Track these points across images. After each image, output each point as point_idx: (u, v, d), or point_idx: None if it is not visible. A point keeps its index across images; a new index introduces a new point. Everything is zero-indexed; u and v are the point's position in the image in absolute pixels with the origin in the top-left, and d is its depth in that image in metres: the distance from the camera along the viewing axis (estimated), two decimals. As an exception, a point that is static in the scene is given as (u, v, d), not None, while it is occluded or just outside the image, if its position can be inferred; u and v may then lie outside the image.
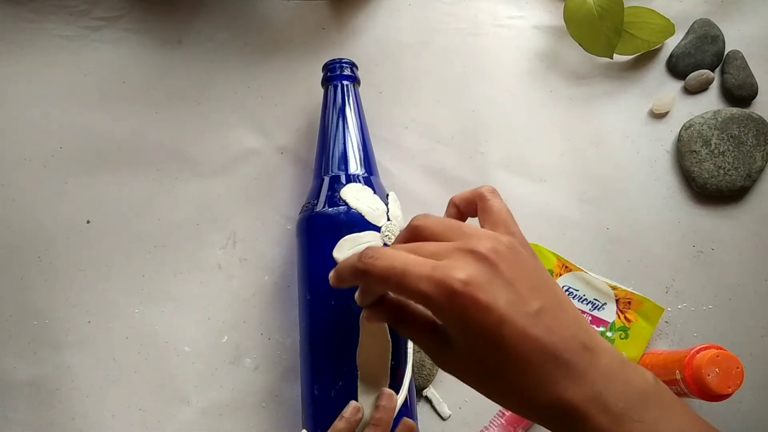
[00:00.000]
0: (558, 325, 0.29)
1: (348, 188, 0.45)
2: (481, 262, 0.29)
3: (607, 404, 0.28)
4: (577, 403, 0.28)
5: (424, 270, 0.29)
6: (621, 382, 0.28)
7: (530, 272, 0.30)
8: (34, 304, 0.51)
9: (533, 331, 0.28)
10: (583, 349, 0.29)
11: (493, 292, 0.28)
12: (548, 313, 0.29)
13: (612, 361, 0.29)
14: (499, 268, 0.29)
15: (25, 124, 0.54)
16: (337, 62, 0.51)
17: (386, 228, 0.45)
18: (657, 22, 0.56)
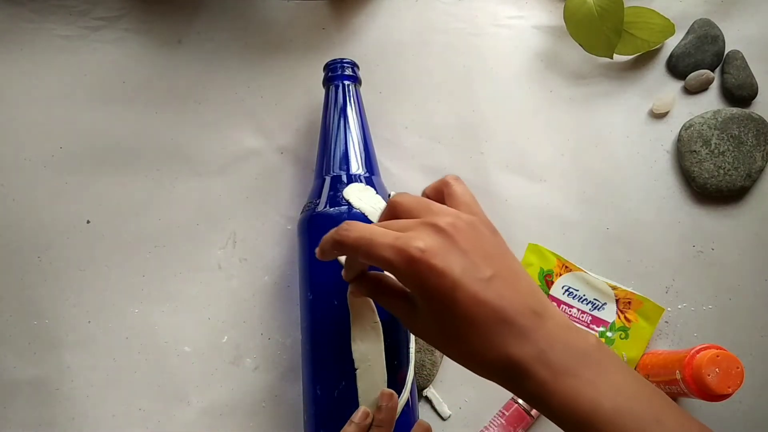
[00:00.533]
0: (509, 291, 0.32)
1: (350, 188, 0.45)
2: (439, 234, 0.32)
3: (549, 361, 0.31)
4: (522, 360, 0.31)
5: (387, 240, 0.32)
6: (564, 343, 0.31)
7: (486, 245, 0.33)
8: (34, 304, 0.51)
9: (484, 295, 0.31)
10: (532, 313, 0.32)
11: (448, 260, 0.31)
12: (500, 280, 0.32)
13: (558, 325, 0.32)
14: (455, 239, 0.32)
15: (25, 124, 0.54)
16: (338, 62, 0.51)
17: None
18: (657, 22, 0.56)
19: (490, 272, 0.32)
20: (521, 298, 0.32)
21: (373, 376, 0.42)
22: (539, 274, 0.53)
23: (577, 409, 0.30)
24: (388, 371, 0.43)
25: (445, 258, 0.31)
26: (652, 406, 0.31)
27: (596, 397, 0.30)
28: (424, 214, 0.34)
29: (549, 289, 0.53)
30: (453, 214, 0.33)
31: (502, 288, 0.32)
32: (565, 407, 0.30)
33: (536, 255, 0.53)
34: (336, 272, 0.43)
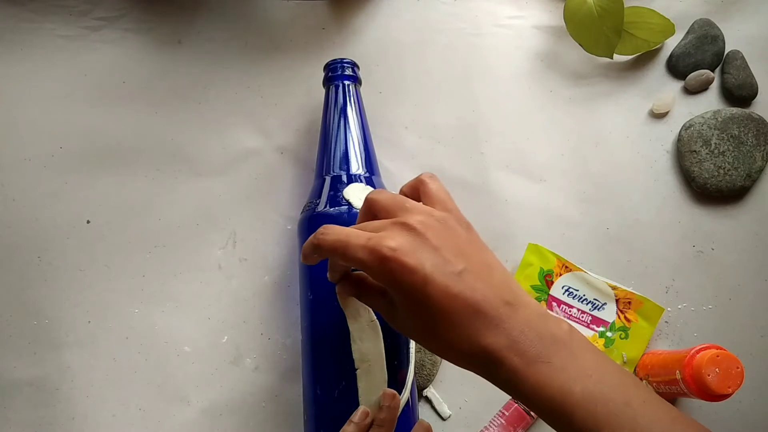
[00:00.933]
0: (481, 283, 0.33)
1: (351, 188, 0.46)
2: (410, 232, 0.33)
3: (521, 349, 0.31)
4: (496, 349, 0.32)
5: (360, 241, 0.33)
6: (535, 331, 0.32)
7: (458, 240, 0.34)
8: (34, 304, 0.51)
9: (455, 288, 0.32)
10: (504, 303, 0.32)
11: (418, 257, 0.32)
12: (471, 274, 0.33)
13: (530, 314, 0.33)
14: (426, 237, 0.33)
15: (25, 124, 0.54)
16: (338, 62, 0.51)
17: None
18: (657, 22, 0.56)
19: (461, 266, 0.33)
20: (493, 290, 0.33)
21: (373, 376, 0.42)
22: (539, 274, 0.53)
23: (548, 394, 0.31)
24: (388, 371, 0.43)
25: (415, 255, 0.32)
26: (622, 389, 0.31)
27: (566, 382, 0.31)
28: (398, 212, 0.35)
29: (549, 289, 0.53)
30: (425, 212, 0.35)
31: (474, 281, 0.33)
32: (537, 393, 0.31)
33: (536, 255, 0.53)
34: None
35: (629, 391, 0.31)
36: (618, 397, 0.31)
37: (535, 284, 0.53)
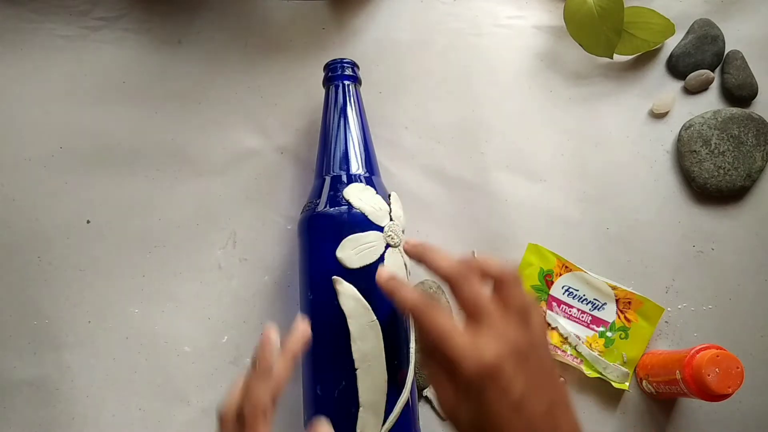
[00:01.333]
0: (564, 422, 0.34)
1: (351, 188, 0.46)
2: (513, 352, 0.34)
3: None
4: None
5: (465, 341, 0.34)
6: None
7: (546, 370, 0.35)
8: (34, 304, 0.51)
9: (538, 425, 0.33)
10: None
11: (513, 379, 0.33)
12: (559, 408, 0.34)
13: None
14: (525, 360, 0.34)
15: (25, 124, 0.54)
16: (338, 62, 0.51)
17: (389, 228, 0.45)
18: (657, 22, 0.56)
19: (548, 401, 0.34)
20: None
21: (373, 375, 0.42)
22: (539, 274, 0.53)
23: None
24: (388, 371, 0.43)
25: (510, 378, 0.33)
26: None
27: None
28: (505, 317, 0.35)
29: (549, 289, 0.53)
30: (525, 333, 0.35)
31: (557, 419, 0.34)
32: None
33: (536, 255, 0.53)
34: (336, 272, 0.43)
35: None
36: None
37: (535, 284, 0.53)
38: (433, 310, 0.36)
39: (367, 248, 0.44)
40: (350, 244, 0.43)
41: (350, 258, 0.43)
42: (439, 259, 0.37)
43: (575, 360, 0.52)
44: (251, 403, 0.35)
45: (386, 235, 0.44)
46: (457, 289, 0.36)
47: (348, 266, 0.43)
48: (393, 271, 0.40)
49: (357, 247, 0.43)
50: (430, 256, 0.38)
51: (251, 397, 0.36)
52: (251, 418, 0.35)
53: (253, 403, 0.35)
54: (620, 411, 0.52)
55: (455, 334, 0.34)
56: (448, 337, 0.34)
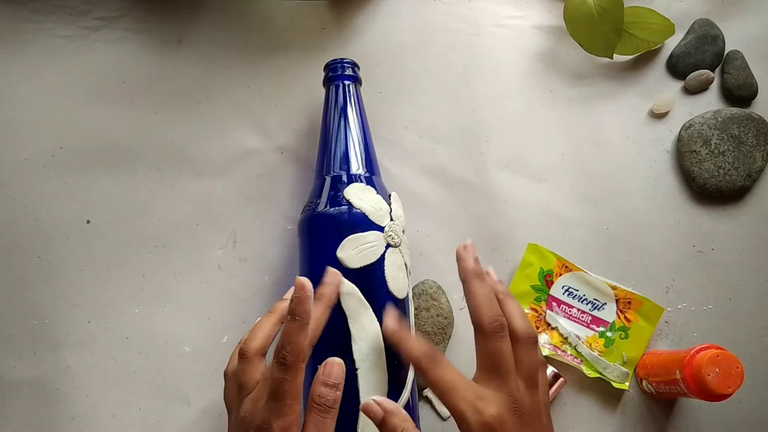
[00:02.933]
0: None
1: (351, 188, 0.45)
2: (514, 411, 0.36)
3: None
4: None
5: (468, 395, 0.36)
6: None
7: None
8: (34, 304, 0.51)
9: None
10: None
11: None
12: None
13: None
14: (524, 421, 0.36)
15: (25, 124, 0.54)
16: (338, 62, 0.51)
17: (389, 228, 0.45)
18: (657, 22, 0.56)
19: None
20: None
21: (374, 375, 0.42)
22: (539, 274, 0.53)
23: None
24: (388, 371, 0.43)
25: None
26: None
27: None
28: (505, 374, 0.37)
29: (549, 289, 0.53)
30: (531, 399, 0.37)
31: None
32: None
33: (536, 255, 0.53)
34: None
35: None
36: None
37: (535, 284, 0.53)
38: (438, 364, 0.38)
39: (367, 248, 0.44)
40: (351, 244, 0.43)
41: (351, 258, 0.43)
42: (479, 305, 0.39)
43: (575, 360, 0.52)
44: (294, 350, 0.37)
45: (387, 235, 0.44)
46: (486, 341, 0.38)
47: (349, 266, 0.43)
48: (398, 321, 0.41)
49: (358, 247, 0.43)
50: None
51: (293, 345, 0.37)
52: (293, 365, 0.37)
53: (296, 350, 0.37)
54: (620, 411, 0.52)
55: (459, 389, 0.37)
56: (452, 392, 0.37)
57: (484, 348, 0.38)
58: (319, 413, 0.36)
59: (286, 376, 0.37)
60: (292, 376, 0.37)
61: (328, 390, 0.37)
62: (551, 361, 0.52)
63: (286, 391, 0.36)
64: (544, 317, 0.53)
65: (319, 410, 0.37)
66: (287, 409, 0.36)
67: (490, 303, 0.39)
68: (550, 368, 0.51)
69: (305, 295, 0.37)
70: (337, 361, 0.38)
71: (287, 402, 0.36)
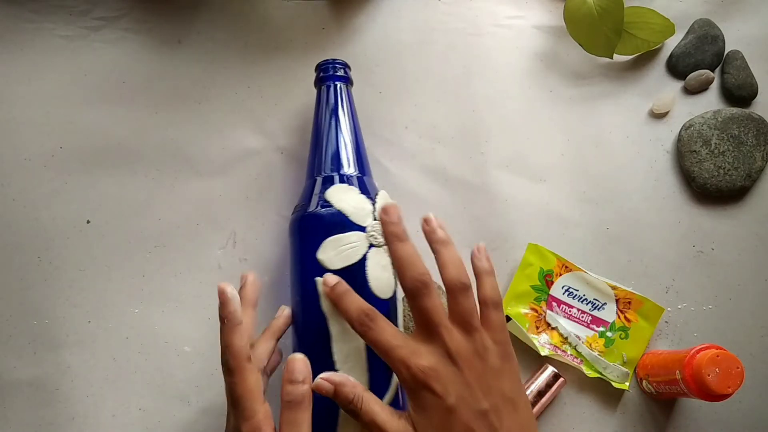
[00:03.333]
0: (502, 426, 0.36)
1: (333, 189, 0.45)
2: (446, 359, 0.37)
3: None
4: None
5: (401, 353, 0.37)
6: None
7: (490, 375, 0.37)
8: (34, 304, 0.51)
9: (474, 426, 0.35)
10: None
11: (446, 386, 0.36)
12: (495, 414, 0.36)
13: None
14: (459, 366, 0.36)
15: (25, 124, 0.54)
16: (330, 63, 0.51)
17: (372, 228, 0.44)
18: (657, 22, 0.56)
19: (486, 405, 0.36)
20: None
21: (355, 376, 0.42)
22: (539, 274, 0.53)
23: None
24: (374, 370, 0.43)
25: (443, 383, 0.36)
26: None
27: None
28: (440, 327, 0.37)
29: (549, 289, 0.53)
30: (467, 340, 0.37)
31: (496, 420, 0.36)
32: None
33: (536, 255, 0.53)
34: (319, 274, 0.43)
35: None
36: None
37: (535, 284, 0.53)
38: (376, 324, 0.38)
39: (348, 248, 0.43)
40: (331, 245, 0.43)
41: (331, 259, 0.43)
42: (404, 273, 0.39)
43: (575, 360, 0.52)
44: (233, 352, 0.38)
45: (369, 234, 0.44)
46: (412, 300, 0.38)
47: (329, 267, 0.43)
48: (337, 279, 0.41)
49: (338, 248, 0.43)
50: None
51: (230, 347, 0.38)
52: (237, 367, 0.38)
53: (234, 351, 0.38)
54: (620, 411, 0.52)
55: (395, 348, 0.37)
56: (389, 351, 0.37)
57: (413, 307, 0.38)
58: (290, 411, 0.37)
59: (234, 378, 0.37)
60: (239, 377, 0.37)
61: (294, 387, 0.37)
62: (551, 361, 0.52)
63: (240, 395, 0.37)
64: (544, 317, 0.53)
65: (290, 407, 0.37)
66: (248, 411, 0.37)
67: (411, 263, 0.39)
68: (550, 368, 0.51)
69: (226, 297, 0.39)
70: (299, 356, 0.38)
71: (246, 404, 0.37)
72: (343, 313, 0.40)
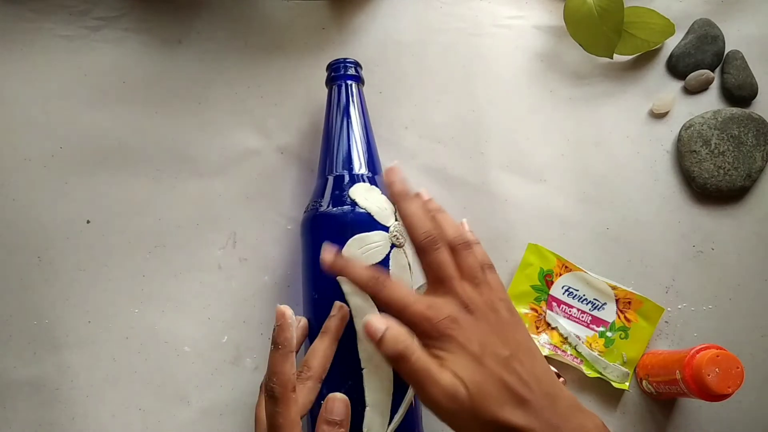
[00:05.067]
0: (525, 371, 0.36)
1: (356, 188, 0.45)
2: (465, 310, 0.38)
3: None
4: (530, 429, 0.34)
5: (420, 307, 0.37)
6: (575, 423, 0.36)
7: (506, 326, 0.38)
8: (34, 304, 0.51)
9: (500, 373, 0.36)
10: (545, 395, 0.36)
11: (469, 335, 0.36)
12: (517, 360, 0.37)
13: (567, 406, 0.36)
14: (477, 317, 0.37)
15: (25, 124, 0.54)
16: (341, 62, 0.51)
17: (394, 228, 0.45)
18: (657, 22, 0.56)
19: (508, 352, 0.37)
20: (535, 378, 0.36)
21: (379, 375, 0.42)
22: (539, 274, 0.53)
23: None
24: (393, 370, 0.43)
25: (467, 333, 0.36)
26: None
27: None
28: (453, 281, 0.38)
29: (549, 289, 0.53)
30: (481, 296, 0.38)
31: (519, 366, 0.36)
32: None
33: (536, 255, 0.53)
34: None
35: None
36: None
37: (535, 284, 0.53)
38: (387, 284, 0.38)
39: (373, 248, 0.44)
40: (356, 244, 0.43)
41: (356, 257, 0.43)
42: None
43: (575, 360, 0.52)
44: (281, 380, 0.37)
45: (391, 235, 0.44)
46: (424, 255, 0.39)
47: None
48: (335, 249, 0.41)
49: (363, 247, 0.43)
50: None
51: (279, 375, 0.37)
52: (282, 396, 0.37)
53: (283, 380, 0.37)
54: (620, 411, 0.52)
55: (411, 304, 0.37)
56: (405, 308, 0.37)
57: (425, 262, 0.39)
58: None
59: (278, 408, 0.37)
60: (283, 407, 0.37)
61: (331, 428, 0.37)
62: (551, 361, 0.52)
63: (280, 425, 0.37)
64: (544, 317, 0.53)
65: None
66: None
67: (421, 219, 0.40)
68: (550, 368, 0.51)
69: (286, 322, 0.38)
70: (339, 396, 0.38)
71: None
72: (352, 278, 0.40)
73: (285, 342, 0.38)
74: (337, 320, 0.42)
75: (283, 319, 0.38)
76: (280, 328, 0.38)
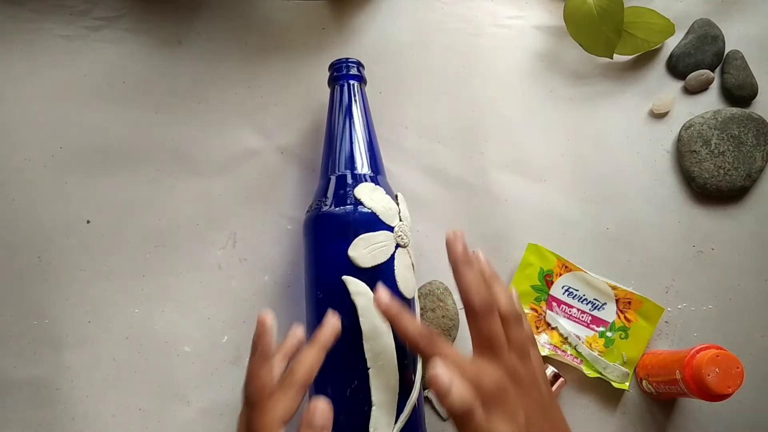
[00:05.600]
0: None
1: (361, 187, 0.45)
2: (512, 382, 0.38)
3: None
4: None
5: (471, 370, 0.37)
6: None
7: (545, 402, 0.39)
8: (34, 304, 0.51)
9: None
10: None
11: (516, 405, 0.37)
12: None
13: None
14: (524, 391, 0.38)
15: (25, 124, 0.54)
16: (343, 62, 0.51)
17: (399, 228, 0.45)
18: (657, 22, 0.56)
19: (548, 427, 0.38)
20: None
21: (385, 374, 0.42)
22: (539, 274, 0.53)
23: None
24: (399, 370, 0.43)
25: (514, 403, 0.37)
26: None
27: None
28: (501, 351, 0.39)
29: (549, 289, 0.53)
30: (526, 370, 0.39)
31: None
32: None
33: (536, 255, 0.53)
34: (347, 271, 0.43)
35: None
36: None
37: (535, 284, 0.53)
38: (437, 343, 0.38)
39: (379, 247, 0.44)
40: (363, 243, 0.43)
41: (363, 257, 0.43)
42: (470, 290, 0.39)
43: (575, 360, 0.52)
44: (257, 386, 0.37)
45: (396, 235, 0.44)
46: (476, 321, 0.39)
47: (360, 265, 0.43)
48: (391, 296, 0.40)
49: (369, 246, 0.43)
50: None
51: (255, 380, 0.37)
52: (258, 402, 0.37)
53: (258, 386, 0.37)
54: (620, 411, 0.52)
55: (461, 366, 0.37)
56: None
57: (477, 328, 0.39)
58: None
59: (252, 412, 0.37)
60: (258, 412, 0.37)
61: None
62: (551, 361, 0.52)
63: (257, 428, 0.37)
64: (544, 317, 0.53)
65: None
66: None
67: (479, 286, 0.40)
68: (550, 368, 0.51)
69: (265, 329, 0.38)
70: (321, 403, 0.36)
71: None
72: (401, 332, 0.39)
73: (263, 347, 0.38)
74: (329, 331, 0.41)
75: (262, 326, 0.38)
76: (258, 334, 0.38)
